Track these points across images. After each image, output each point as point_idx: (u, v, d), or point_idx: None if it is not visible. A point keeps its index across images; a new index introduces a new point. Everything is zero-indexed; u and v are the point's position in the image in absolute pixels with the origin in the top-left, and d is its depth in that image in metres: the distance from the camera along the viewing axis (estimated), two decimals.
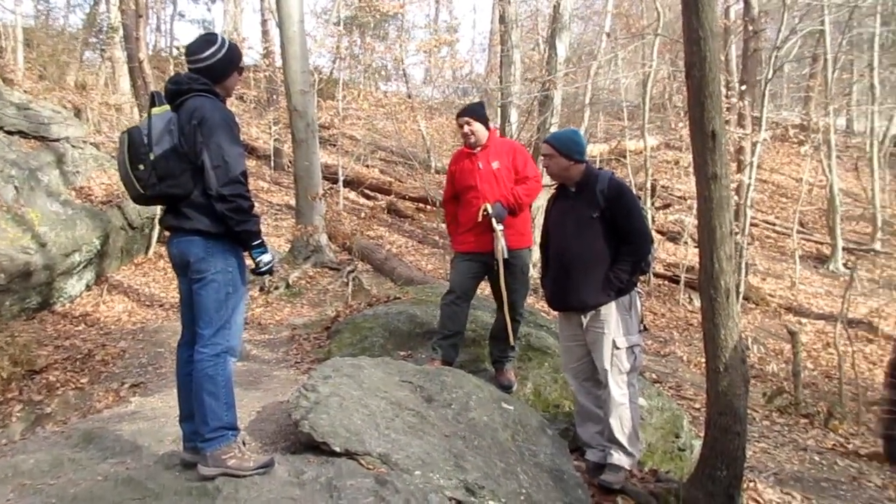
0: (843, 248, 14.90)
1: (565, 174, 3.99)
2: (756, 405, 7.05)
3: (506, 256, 4.40)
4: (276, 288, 9.51)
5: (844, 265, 14.60)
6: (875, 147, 16.68)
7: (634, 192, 5.02)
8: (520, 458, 3.65)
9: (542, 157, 4.09)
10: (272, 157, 17.37)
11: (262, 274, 3.04)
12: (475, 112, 4.60)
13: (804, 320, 11.54)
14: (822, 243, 15.75)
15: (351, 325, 5.93)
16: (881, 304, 10.66)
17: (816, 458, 6.13)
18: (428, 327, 5.45)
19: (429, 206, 14.56)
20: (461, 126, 4.58)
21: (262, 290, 9.47)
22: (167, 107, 2.94)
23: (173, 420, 3.51)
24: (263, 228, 4.60)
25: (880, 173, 16.29)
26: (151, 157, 2.83)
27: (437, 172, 15.68)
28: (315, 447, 3.21)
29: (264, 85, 18.53)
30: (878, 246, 15.01)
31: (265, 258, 2.98)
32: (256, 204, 4.91)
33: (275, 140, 17.20)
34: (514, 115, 11.67)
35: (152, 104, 2.93)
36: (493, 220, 4.39)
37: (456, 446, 3.44)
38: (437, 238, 13.54)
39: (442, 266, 11.65)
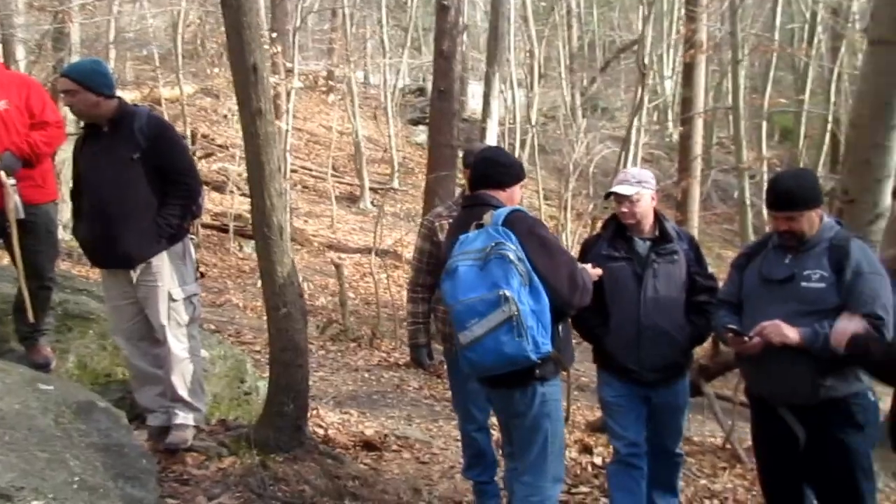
0: (370, 189, 16.64)
1: (95, 112, 3.44)
2: (311, 338, 7.45)
3: (21, 215, 3.67)
4: None
5: (372, 203, 16.35)
6: (388, 97, 18.84)
7: None
8: (68, 442, 3.15)
9: (62, 96, 3.46)
10: None
11: None
12: None
13: (344, 255, 12.60)
14: (352, 185, 17.31)
15: None
16: (402, 235, 12.23)
17: (367, 376, 6.80)
18: None
19: None
20: None
21: None
22: None
23: None
24: None
25: (394, 121, 18.50)
26: None
27: None
28: None
29: None
30: (396, 184, 17.14)
31: None
32: None
33: None
34: (20, 52, 9.92)
35: None
36: (2, 174, 3.60)
37: None
38: None
39: None
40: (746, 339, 2.89)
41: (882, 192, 4.41)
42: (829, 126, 15.95)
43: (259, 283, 9.31)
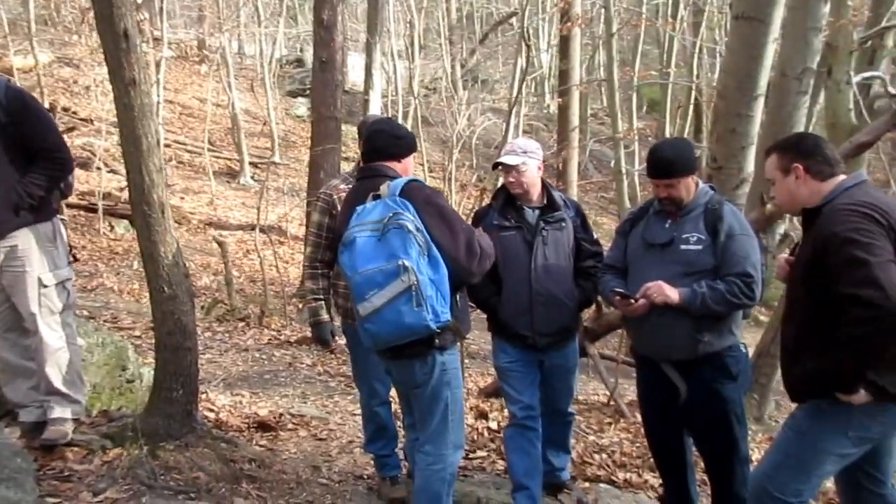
0: (250, 163, 16.09)
1: None
2: (196, 319, 7.17)
3: None
4: None
5: (253, 178, 15.83)
6: (266, 68, 18.20)
7: None
8: None
9: None
10: None
11: None
12: None
13: (226, 233, 12.15)
14: (231, 159, 16.66)
15: None
16: (287, 210, 11.92)
17: (257, 355, 6.63)
18: None
19: None
20: None
21: None
22: None
23: None
24: None
25: (272, 93, 17.90)
26: None
27: None
28: None
29: None
30: (277, 158, 16.64)
31: None
32: None
33: None
34: None
35: None
36: None
37: None
38: None
39: None
40: (632, 300, 3.04)
41: (746, 158, 4.74)
42: (693, 97, 16.90)
43: (135, 265, 8.87)
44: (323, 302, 3.61)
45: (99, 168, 11.30)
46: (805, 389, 2.53)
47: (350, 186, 3.49)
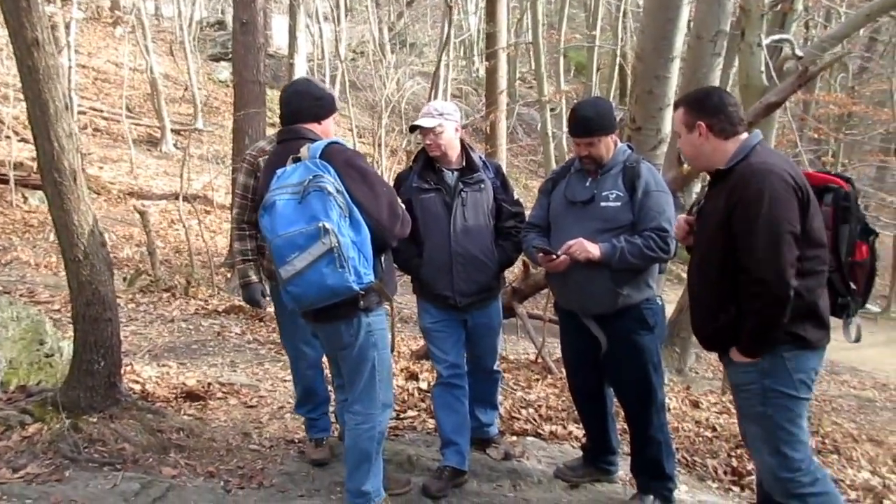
0: (172, 130, 15.53)
1: None
2: (119, 291, 6.95)
3: None
4: None
5: (175, 145, 15.31)
6: (185, 31, 17.51)
7: None
8: None
9: None
10: None
11: None
12: None
13: (148, 202, 11.76)
14: (151, 126, 16.04)
15: None
16: (211, 178, 11.61)
17: (184, 326, 6.50)
18: None
19: None
20: None
21: None
22: None
23: None
24: None
25: (193, 57, 17.25)
26: None
27: None
28: None
29: None
30: (200, 125, 16.12)
31: None
32: None
33: None
34: None
35: None
36: None
37: None
38: None
39: None
40: (554, 257, 3.12)
41: (664, 119, 4.87)
42: (618, 61, 17.19)
43: (52, 238, 8.51)
44: (252, 263, 3.58)
45: (8, 137, 10.71)
46: (721, 344, 2.66)
47: None
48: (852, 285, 2.61)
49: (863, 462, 4.61)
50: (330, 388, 3.77)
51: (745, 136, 2.61)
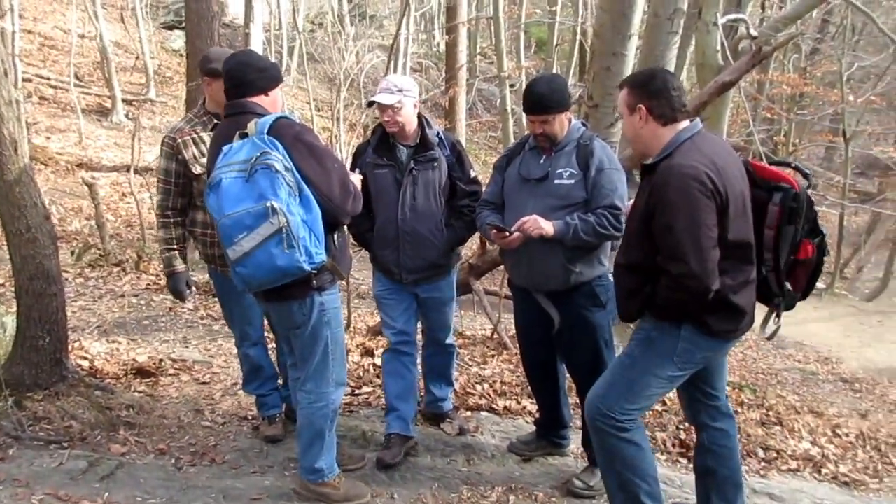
0: (123, 100, 15.06)
1: None
2: (66, 265, 6.78)
3: None
4: None
5: (127, 116, 14.86)
6: None
7: None
8: None
9: None
10: None
11: None
12: None
13: (98, 174, 11.41)
14: (101, 96, 15.53)
15: None
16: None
17: (135, 301, 6.37)
18: None
19: None
20: None
21: None
22: None
23: None
24: None
25: (145, 24, 16.72)
26: None
27: None
28: None
29: None
30: (152, 95, 15.66)
31: None
32: None
33: None
34: None
35: None
36: None
37: None
38: None
39: None
40: (508, 233, 3.13)
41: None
42: (578, 37, 17.18)
43: None
44: (177, 252, 3.46)
45: None
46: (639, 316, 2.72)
47: (196, 129, 3.38)
48: (788, 286, 2.65)
49: (804, 433, 4.77)
50: (276, 364, 3.76)
51: (684, 124, 2.59)
